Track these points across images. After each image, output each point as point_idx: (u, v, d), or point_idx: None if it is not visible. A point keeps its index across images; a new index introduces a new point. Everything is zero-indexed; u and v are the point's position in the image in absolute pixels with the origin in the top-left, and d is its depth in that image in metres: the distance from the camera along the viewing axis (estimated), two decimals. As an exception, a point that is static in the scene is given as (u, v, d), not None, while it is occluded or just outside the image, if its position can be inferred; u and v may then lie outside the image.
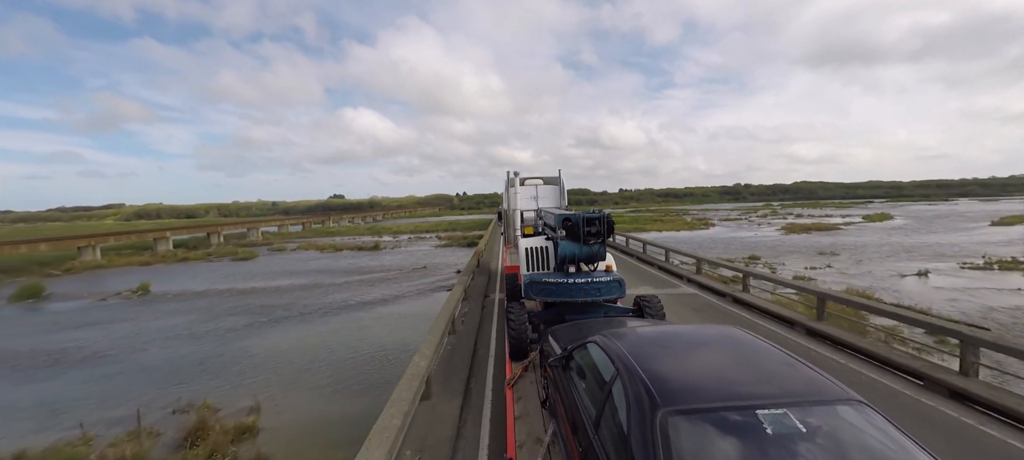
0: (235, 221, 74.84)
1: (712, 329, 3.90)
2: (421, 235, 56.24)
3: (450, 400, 6.56)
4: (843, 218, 65.98)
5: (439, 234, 56.59)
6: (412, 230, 64.38)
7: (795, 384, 2.88)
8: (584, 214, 7.69)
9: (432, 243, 46.98)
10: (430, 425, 5.87)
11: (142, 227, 64.54)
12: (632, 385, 2.96)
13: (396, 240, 51.70)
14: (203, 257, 39.27)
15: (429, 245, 44.68)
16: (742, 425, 2.51)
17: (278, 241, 55.56)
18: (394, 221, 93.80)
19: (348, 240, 52.47)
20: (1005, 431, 5.36)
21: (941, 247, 33.11)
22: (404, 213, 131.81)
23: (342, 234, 62.53)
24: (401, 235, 58.39)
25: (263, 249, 46.04)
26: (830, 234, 44.05)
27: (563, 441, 4.06)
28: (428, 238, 52.68)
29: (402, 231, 63.89)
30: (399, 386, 5.55)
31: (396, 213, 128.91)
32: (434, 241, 48.93)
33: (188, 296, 23.63)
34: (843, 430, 2.53)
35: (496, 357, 8.30)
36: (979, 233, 42.01)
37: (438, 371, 7.52)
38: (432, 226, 69.48)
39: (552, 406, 4.85)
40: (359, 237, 56.75)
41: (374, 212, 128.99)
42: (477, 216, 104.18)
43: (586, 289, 7.56)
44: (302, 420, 9.56)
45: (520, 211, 13.60)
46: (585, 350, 4.14)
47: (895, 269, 24.83)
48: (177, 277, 29.93)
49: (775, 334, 9.32)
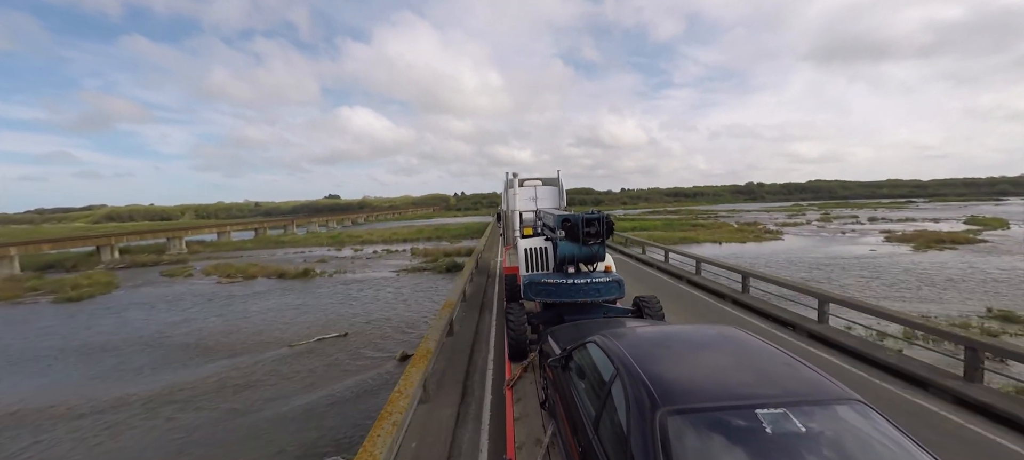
0: (152, 229, 57.57)
1: (712, 329, 3.84)
2: (392, 249, 41.38)
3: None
4: (938, 222, 50.93)
5: (419, 245, 43.23)
6: (387, 239, 50.32)
7: (795, 384, 2.84)
8: (583, 215, 7.58)
9: (400, 262, 32.43)
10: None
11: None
12: (632, 385, 2.93)
13: (354, 257, 36.94)
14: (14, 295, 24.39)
15: (392, 268, 29.97)
16: (742, 425, 2.47)
17: (203, 254, 43.57)
18: (374, 226, 78.47)
19: (292, 255, 39.87)
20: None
21: None
22: (392, 215, 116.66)
23: (297, 245, 48.97)
24: (370, 246, 45.50)
25: (156, 271, 31.77)
26: (978, 250, 29.52)
27: (563, 441, 4.02)
28: (400, 252, 38.39)
29: (373, 240, 49.64)
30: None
31: (384, 215, 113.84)
32: (405, 259, 34.12)
33: None
34: (843, 430, 2.49)
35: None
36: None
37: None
38: (414, 233, 54.43)
39: (551, 406, 4.79)
40: (313, 249, 44.28)
41: (363, 213, 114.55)
42: (473, 219, 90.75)
43: (585, 290, 7.49)
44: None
45: (519, 212, 13.21)
46: (584, 350, 4.09)
47: None
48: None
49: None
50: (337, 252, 41.14)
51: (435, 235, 52.24)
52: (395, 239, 50.13)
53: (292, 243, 50.34)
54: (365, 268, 30.97)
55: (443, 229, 58.68)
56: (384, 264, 32.42)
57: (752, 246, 36.94)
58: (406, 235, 52.84)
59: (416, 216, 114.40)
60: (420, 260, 32.87)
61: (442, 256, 32.55)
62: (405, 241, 48.57)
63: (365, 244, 47.18)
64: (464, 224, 69.56)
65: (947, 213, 67.37)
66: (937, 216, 61.82)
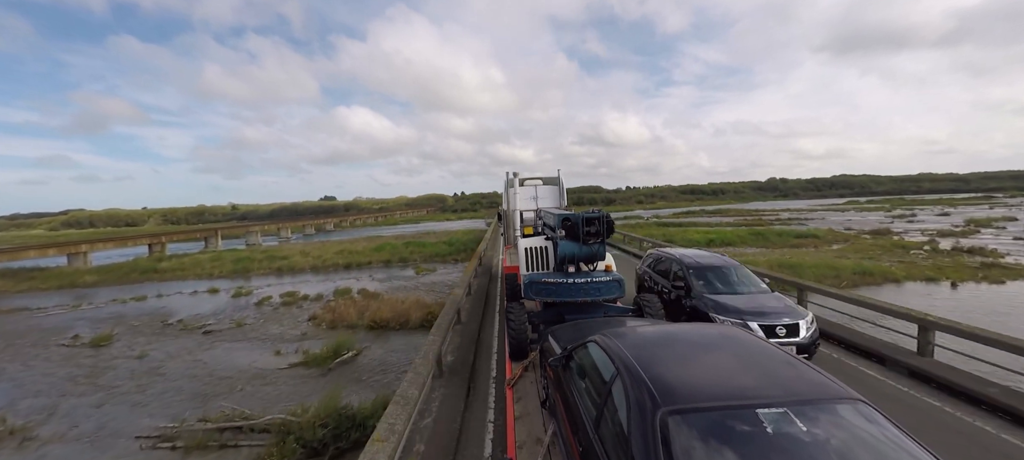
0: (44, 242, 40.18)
1: (712, 329, 3.81)
2: (304, 294, 22.87)
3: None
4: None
5: (358, 281, 25.21)
6: (327, 263, 32.86)
7: (795, 383, 2.81)
8: (583, 214, 7.49)
9: (284, 331, 16.51)
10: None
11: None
12: (632, 385, 2.90)
13: (207, 324, 17.93)
14: None
15: (221, 372, 11.49)
16: (742, 425, 2.45)
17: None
18: (340, 236, 59.58)
19: (117, 303, 22.33)
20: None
21: None
22: (378, 219, 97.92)
23: (178, 275, 31.19)
24: (288, 278, 29.24)
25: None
26: None
27: (563, 441, 3.96)
28: (311, 302, 21.24)
29: (302, 267, 31.98)
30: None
31: (365, 219, 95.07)
32: (299, 322, 16.85)
33: None
34: (843, 429, 2.47)
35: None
36: None
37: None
38: (373, 251, 35.99)
39: (552, 406, 4.72)
40: (185, 286, 27.77)
41: (344, 216, 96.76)
42: (468, 223, 75.37)
43: (586, 289, 7.39)
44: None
45: (520, 211, 13.15)
46: (585, 350, 4.05)
47: None
48: None
49: None
50: (211, 295, 23.77)
51: (399, 256, 33.62)
52: (336, 265, 31.90)
53: (173, 272, 31.46)
54: (194, 354, 12.51)
55: (419, 243, 39.90)
56: (241, 346, 13.99)
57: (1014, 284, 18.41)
58: (363, 254, 35.01)
59: (404, 220, 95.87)
60: (320, 333, 14.65)
61: (366, 323, 15.44)
62: (349, 268, 30.54)
63: (283, 275, 28.77)
64: (453, 231, 51.11)
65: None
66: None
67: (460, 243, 38.27)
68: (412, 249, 36.17)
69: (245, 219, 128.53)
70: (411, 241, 41.84)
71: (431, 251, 35.03)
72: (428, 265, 30.49)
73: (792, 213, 69.99)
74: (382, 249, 36.57)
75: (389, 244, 39.65)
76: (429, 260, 32.43)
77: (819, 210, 75.38)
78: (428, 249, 35.88)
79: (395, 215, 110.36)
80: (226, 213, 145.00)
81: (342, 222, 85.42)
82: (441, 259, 32.47)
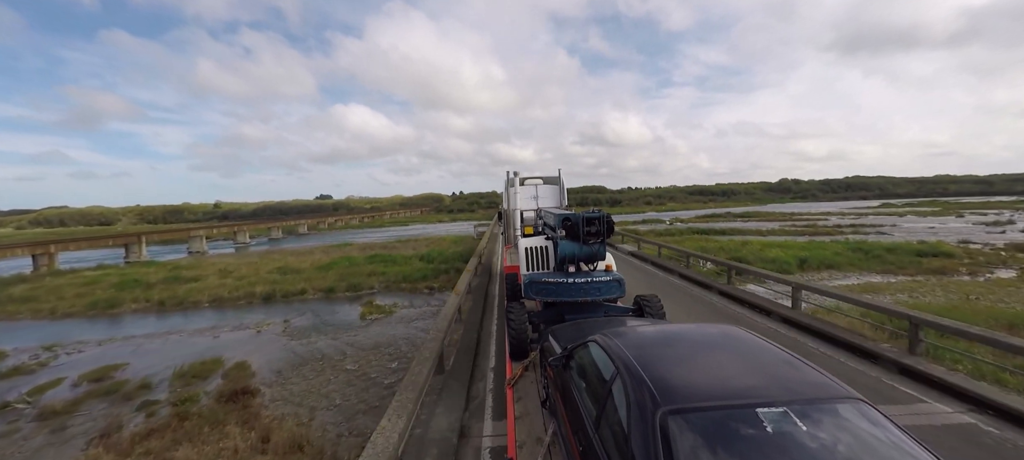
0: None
1: (712, 328, 3.73)
2: (86, 399, 11.41)
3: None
4: None
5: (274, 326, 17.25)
6: (241, 292, 22.52)
7: (795, 383, 2.77)
8: (583, 214, 7.39)
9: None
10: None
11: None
12: (632, 384, 2.86)
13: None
14: None
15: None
16: (743, 424, 2.41)
17: None
18: (308, 242, 49.34)
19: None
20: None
21: None
22: (362, 221, 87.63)
23: (39, 304, 22.33)
24: (184, 317, 19.73)
25: None
26: None
27: (563, 441, 3.91)
28: (75, 428, 10.03)
29: (198, 300, 22.10)
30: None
31: (348, 221, 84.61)
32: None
33: None
34: (844, 429, 2.44)
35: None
36: None
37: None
38: (319, 271, 25.74)
39: (552, 406, 4.68)
40: (33, 324, 19.27)
41: (332, 217, 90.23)
42: (462, 227, 64.93)
43: (586, 289, 7.25)
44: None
45: (520, 211, 12.81)
46: (585, 349, 3.99)
47: None
48: None
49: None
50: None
51: (351, 280, 23.23)
52: (253, 295, 21.79)
53: (21, 302, 21.19)
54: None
55: (387, 257, 29.58)
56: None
57: None
58: (303, 275, 25.18)
59: (393, 221, 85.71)
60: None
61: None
62: (270, 300, 21.84)
63: (167, 312, 20.55)
64: (443, 238, 41.07)
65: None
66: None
67: (443, 257, 27.87)
68: (375, 267, 25.79)
69: (226, 218, 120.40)
70: (379, 254, 31.43)
71: (400, 271, 24.59)
72: (388, 296, 20.15)
73: (837, 217, 59.99)
74: (332, 267, 26.19)
75: (347, 259, 29.30)
76: (393, 287, 22.06)
77: (865, 214, 64.90)
78: (396, 269, 25.40)
79: (384, 216, 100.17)
80: (207, 212, 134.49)
81: (319, 224, 75.00)
82: (411, 285, 22.10)
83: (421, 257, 28.70)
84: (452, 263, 26.10)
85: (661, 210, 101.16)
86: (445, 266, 25.42)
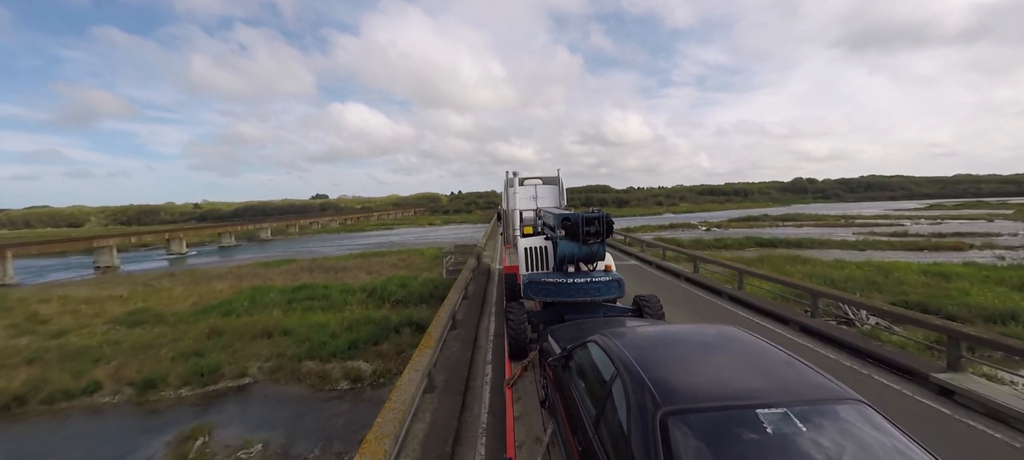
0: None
1: (712, 329, 3.69)
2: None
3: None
4: None
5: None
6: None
7: (795, 384, 2.74)
8: (583, 214, 7.31)
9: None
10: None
11: None
12: (632, 384, 2.82)
13: None
14: None
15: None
16: (742, 425, 2.39)
17: None
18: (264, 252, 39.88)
19: None
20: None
21: None
22: (345, 222, 78.02)
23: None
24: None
25: None
26: None
27: (563, 441, 3.90)
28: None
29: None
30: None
31: (326, 223, 75.02)
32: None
33: None
34: (843, 430, 2.41)
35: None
36: None
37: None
38: (193, 318, 15.39)
39: (552, 406, 4.65)
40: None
41: (316, 218, 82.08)
42: (458, 229, 59.89)
43: (585, 289, 7.26)
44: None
45: (519, 211, 12.73)
46: (585, 350, 3.96)
47: None
48: None
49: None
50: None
51: (231, 341, 12.97)
52: (24, 377, 10.87)
53: None
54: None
55: (317, 294, 19.11)
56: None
57: None
58: (178, 318, 16.36)
59: (379, 224, 75.79)
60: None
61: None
62: (46, 407, 9.62)
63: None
64: (426, 248, 31.99)
65: None
66: None
67: (407, 291, 17.50)
68: (280, 317, 15.07)
69: (205, 219, 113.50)
70: (308, 284, 20.65)
71: (317, 325, 13.82)
72: (259, 403, 9.77)
73: (908, 221, 49.40)
74: (214, 312, 15.73)
75: (254, 291, 18.83)
76: (285, 369, 11.47)
77: (938, 220, 51.12)
78: (315, 318, 14.63)
79: (371, 218, 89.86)
80: (186, 212, 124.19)
81: (288, 228, 64.46)
82: (319, 365, 11.51)
83: (370, 292, 18.33)
84: (414, 306, 15.81)
85: (676, 211, 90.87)
86: (398, 317, 14.24)
